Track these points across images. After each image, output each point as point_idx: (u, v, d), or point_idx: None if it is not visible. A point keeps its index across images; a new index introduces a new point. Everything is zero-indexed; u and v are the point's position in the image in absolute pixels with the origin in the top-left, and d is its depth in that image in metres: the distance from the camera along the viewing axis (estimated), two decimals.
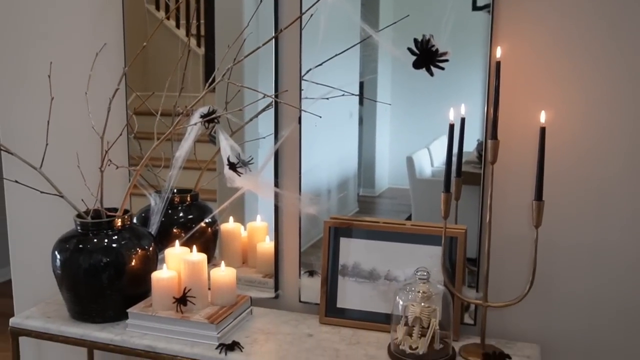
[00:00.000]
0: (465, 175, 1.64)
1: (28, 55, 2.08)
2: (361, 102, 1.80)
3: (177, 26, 1.98)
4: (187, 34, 1.90)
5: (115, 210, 1.76)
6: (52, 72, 1.82)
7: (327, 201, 1.85)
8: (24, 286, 2.23)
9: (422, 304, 1.48)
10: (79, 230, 1.70)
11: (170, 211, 1.87)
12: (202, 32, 1.93)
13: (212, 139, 1.90)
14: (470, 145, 1.63)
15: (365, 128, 1.83)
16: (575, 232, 1.60)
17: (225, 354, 1.54)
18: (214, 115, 1.69)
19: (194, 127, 1.69)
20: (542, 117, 1.42)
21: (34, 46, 2.07)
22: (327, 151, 1.87)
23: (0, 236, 2.70)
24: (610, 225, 1.57)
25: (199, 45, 1.94)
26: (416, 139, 1.79)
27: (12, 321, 1.74)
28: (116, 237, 1.69)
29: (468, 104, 1.59)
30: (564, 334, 1.64)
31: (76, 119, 1.98)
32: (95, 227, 1.69)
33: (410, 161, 1.79)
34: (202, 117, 1.68)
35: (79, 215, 1.73)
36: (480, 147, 1.63)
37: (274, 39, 1.72)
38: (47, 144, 1.77)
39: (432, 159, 1.78)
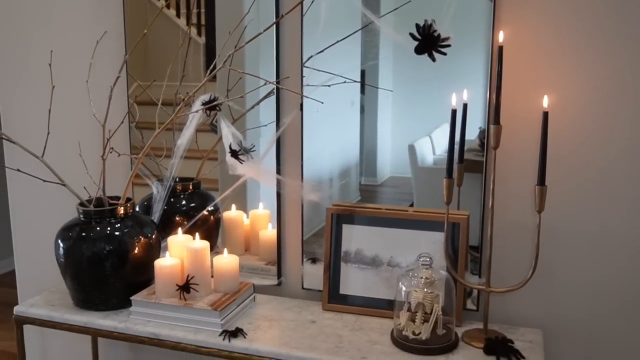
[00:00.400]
0: (467, 163, 1.63)
1: (29, 44, 2.08)
2: (362, 91, 1.79)
3: (178, 15, 1.97)
4: (188, 22, 1.90)
5: (118, 198, 1.76)
6: (53, 60, 1.82)
7: (329, 189, 1.85)
8: (27, 275, 2.24)
9: (425, 289, 1.48)
10: (82, 219, 1.71)
11: (172, 199, 1.88)
12: (203, 21, 1.92)
13: (214, 128, 1.90)
14: (472, 134, 1.63)
15: (367, 116, 1.82)
16: (577, 218, 1.60)
17: (229, 341, 1.54)
18: (215, 103, 1.69)
19: (195, 115, 1.69)
20: (545, 102, 1.42)
21: (34, 35, 2.07)
22: (329, 139, 1.87)
23: (3, 226, 2.71)
24: (611, 210, 1.57)
25: (199, 34, 1.93)
26: (418, 127, 1.78)
27: (17, 309, 1.75)
28: (119, 225, 1.69)
29: (470, 90, 1.59)
30: (566, 320, 1.64)
31: (77, 107, 1.99)
32: (97, 215, 1.69)
33: (412, 149, 1.78)
34: (203, 104, 1.67)
35: (81, 204, 1.73)
36: (482, 135, 1.62)
37: (274, 26, 1.71)
38: (48, 133, 1.77)
39: (434, 147, 1.78)
